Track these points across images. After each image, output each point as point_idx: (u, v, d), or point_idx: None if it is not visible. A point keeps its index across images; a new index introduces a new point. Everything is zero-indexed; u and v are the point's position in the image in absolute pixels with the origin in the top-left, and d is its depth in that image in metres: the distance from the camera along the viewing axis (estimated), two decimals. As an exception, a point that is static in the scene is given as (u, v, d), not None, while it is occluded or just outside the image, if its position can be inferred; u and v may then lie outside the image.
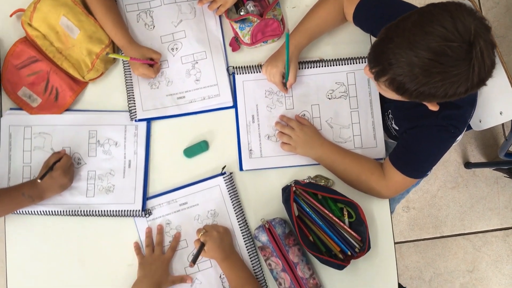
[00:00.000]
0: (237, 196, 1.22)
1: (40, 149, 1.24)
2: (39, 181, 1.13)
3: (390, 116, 1.22)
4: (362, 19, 1.15)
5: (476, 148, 2.02)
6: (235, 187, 1.22)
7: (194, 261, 1.06)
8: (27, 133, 1.24)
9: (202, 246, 1.11)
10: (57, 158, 1.18)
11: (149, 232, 1.20)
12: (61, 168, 1.15)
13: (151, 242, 1.20)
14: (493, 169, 1.99)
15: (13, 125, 1.24)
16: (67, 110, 1.25)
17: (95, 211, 1.21)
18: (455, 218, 1.99)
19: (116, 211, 1.20)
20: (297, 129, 1.20)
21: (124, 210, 1.20)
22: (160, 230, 1.20)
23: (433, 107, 0.98)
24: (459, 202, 2.00)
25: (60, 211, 1.20)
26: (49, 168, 1.15)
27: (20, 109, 1.25)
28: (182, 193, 1.22)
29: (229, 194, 1.21)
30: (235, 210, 1.21)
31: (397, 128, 1.20)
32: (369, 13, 1.12)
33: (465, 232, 1.98)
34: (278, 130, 1.23)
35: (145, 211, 1.21)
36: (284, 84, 1.22)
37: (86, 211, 1.21)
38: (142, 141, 1.24)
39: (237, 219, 1.21)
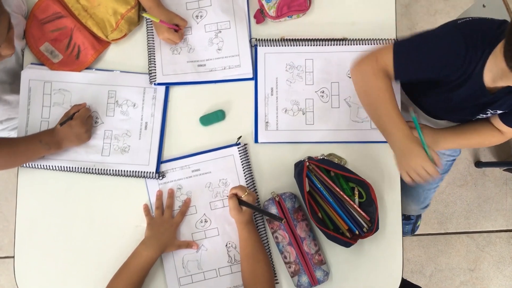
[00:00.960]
0: (250, 167, 1.23)
1: (59, 105, 1.24)
2: (59, 126, 1.14)
3: (489, 112, 1.14)
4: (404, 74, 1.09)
5: (487, 148, 2.02)
6: (248, 159, 1.23)
7: (243, 203, 1.14)
8: (47, 89, 1.25)
9: (253, 206, 1.13)
10: (77, 109, 1.19)
11: (159, 195, 1.21)
12: (80, 118, 1.17)
13: (161, 204, 1.20)
14: (503, 170, 1.99)
15: (33, 79, 1.25)
16: (87, 68, 1.26)
17: (110, 170, 1.21)
18: (460, 216, 1.99)
19: (130, 171, 1.21)
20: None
21: (138, 171, 1.21)
22: (171, 194, 1.21)
23: None
24: (466, 200, 1.99)
25: (75, 168, 1.21)
26: (68, 117, 1.17)
27: (41, 64, 1.26)
28: (196, 159, 1.22)
29: (242, 165, 1.22)
30: (246, 181, 1.21)
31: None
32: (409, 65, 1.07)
33: (470, 230, 1.98)
34: None
35: (159, 173, 1.21)
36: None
37: (101, 169, 1.21)
38: (160, 105, 1.24)
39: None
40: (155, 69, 1.24)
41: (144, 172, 1.21)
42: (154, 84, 1.24)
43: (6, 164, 1.18)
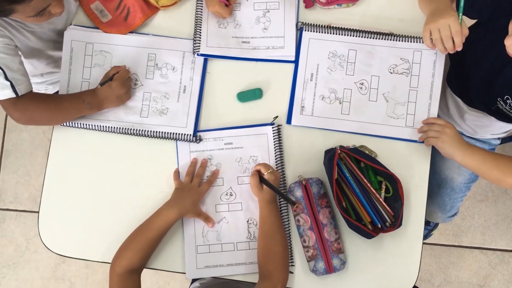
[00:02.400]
0: (281, 148, 1.23)
1: (99, 67, 1.26)
2: (99, 86, 1.17)
3: (509, 101, 1.15)
4: None
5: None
6: (281, 140, 1.24)
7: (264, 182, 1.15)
8: (89, 50, 1.27)
9: (271, 185, 1.14)
10: (117, 71, 1.21)
11: (194, 163, 1.23)
12: (119, 79, 1.19)
13: (192, 172, 1.22)
14: (527, 191, 1.97)
15: (75, 40, 1.27)
16: (132, 32, 1.28)
17: (147, 131, 1.23)
18: (476, 230, 1.97)
19: (167, 133, 1.23)
20: (445, 124, 1.16)
21: (176, 133, 1.23)
22: (204, 163, 1.23)
23: None
24: (485, 216, 1.98)
25: (114, 128, 1.24)
26: (108, 78, 1.19)
27: (83, 26, 1.28)
28: (230, 133, 1.23)
29: (275, 145, 1.23)
30: (276, 162, 1.22)
31: None
32: None
33: (484, 246, 1.96)
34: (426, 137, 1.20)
35: (196, 136, 1.23)
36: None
37: (139, 130, 1.23)
38: (199, 69, 1.25)
39: (276, 170, 1.22)
40: (199, 40, 1.25)
41: (182, 134, 1.23)
42: (197, 54, 1.25)
43: (50, 119, 1.21)
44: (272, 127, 1.23)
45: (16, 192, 2.08)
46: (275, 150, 1.23)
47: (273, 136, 1.23)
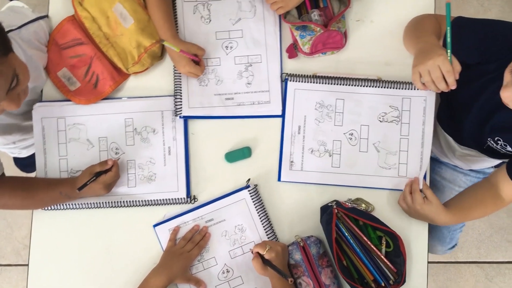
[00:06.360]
0: (264, 209, 1.19)
1: (75, 141, 1.19)
2: (77, 191, 1.08)
3: (500, 142, 1.12)
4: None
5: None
6: (261, 200, 1.19)
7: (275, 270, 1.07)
8: (61, 125, 1.20)
9: (271, 264, 1.08)
10: (103, 168, 1.11)
11: (195, 230, 1.18)
12: (104, 184, 1.10)
13: (190, 237, 1.17)
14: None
15: (45, 117, 1.19)
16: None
17: (138, 201, 1.17)
18: (471, 245, 1.97)
19: (159, 200, 1.18)
20: (412, 202, 1.15)
21: (168, 199, 1.18)
22: (202, 231, 1.18)
23: None
24: (478, 230, 1.98)
25: (102, 203, 1.17)
26: (91, 177, 1.09)
27: (50, 101, 1.21)
28: (207, 209, 1.18)
29: (256, 207, 1.18)
30: (263, 224, 1.18)
31: None
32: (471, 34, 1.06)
33: (480, 260, 1.97)
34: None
35: (190, 197, 1.18)
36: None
37: (128, 201, 1.18)
38: (180, 127, 1.19)
39: (266, 233, 1.18)
40: (181, 101, 1.19)
41: (175, 199, 1.18)
42: (180, 117, 1.19)
43: (24, 207, 1.15)
44: (249, 190, 1.18)
45: (-2, 247, 1.99)
46: (258, 213, 1.18)
47: (252, 199, 1.18)
